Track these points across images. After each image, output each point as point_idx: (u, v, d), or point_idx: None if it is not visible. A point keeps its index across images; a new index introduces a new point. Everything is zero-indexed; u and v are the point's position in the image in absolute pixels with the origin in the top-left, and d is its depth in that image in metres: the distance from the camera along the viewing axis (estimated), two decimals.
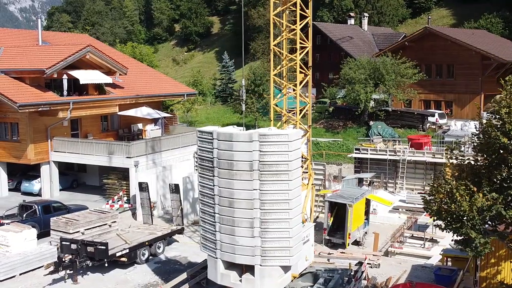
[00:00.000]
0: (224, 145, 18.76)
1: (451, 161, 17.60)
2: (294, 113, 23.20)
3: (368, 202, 31.40)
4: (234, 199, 18.76)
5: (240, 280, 19.37)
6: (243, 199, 18.65)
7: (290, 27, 22.73)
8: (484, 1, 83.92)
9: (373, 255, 26.96)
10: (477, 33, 61.11)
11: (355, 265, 23.73)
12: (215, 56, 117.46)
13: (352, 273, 22.49)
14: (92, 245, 25.01)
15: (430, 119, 52.12)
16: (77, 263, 24.51)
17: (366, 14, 77.09)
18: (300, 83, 23.09)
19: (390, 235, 30.86)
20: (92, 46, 40.63)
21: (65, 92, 39.07)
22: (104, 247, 24.83)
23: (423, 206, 17.66)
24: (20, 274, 25.44)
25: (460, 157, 17.60)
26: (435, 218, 16.36)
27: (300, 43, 22.49)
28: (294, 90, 23.75)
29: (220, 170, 18.93)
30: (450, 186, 15.47)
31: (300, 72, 22.73)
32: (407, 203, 36.97)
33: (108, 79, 41.48)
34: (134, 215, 35.27)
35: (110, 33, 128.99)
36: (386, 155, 40.52)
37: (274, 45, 22.98)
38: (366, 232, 30.95)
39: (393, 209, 35.64)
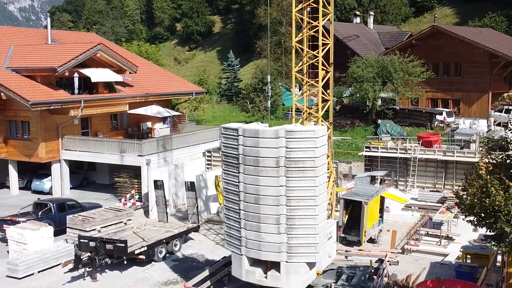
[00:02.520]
0: (250, 141, 18.73)
1: (485, 159, 17.39)
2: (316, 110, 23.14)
3: (382, 200, 31.37)
4: (260, 195, 18.73)
5: (266, 277, 19.36)
6: (269, 195, 18.63)
7: (311, 23, 22.68)
8: (487, 0, 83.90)
9: (391, 252, 26.92)
10: (484, 32, 61.13)
11: (375, 262, 23.72)
12: (216, 55, 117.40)
13: (373, 270, 22.48)
14: (111, 243, 24.95)
15: (438, 117, 52.15)
16: (97, 260, 24.46)
17: (371, 13, 77.10)
18: (322, 80, 23.03)
19: (405, 232, 30.87)
20: (102, 45, 40.63)
21: (76, 91, 39.03)
22: (123, 245, 24.78)
23: (455, 201, 17.62)
24: (39, 272, 25.38)
25: (496, 153, 17.37)
26: (467, 213, 16.36)
27: (322, 39, 22.44)
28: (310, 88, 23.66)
29: (245, 166, 18.90)
30: (484, 181, 15.44)
31: (323, 70, 22.67)
32: (419, 201, 37.02)
33: (118, 78, 41.49)
34: (146, 213, 35.26)
35: (111, 32, 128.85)
36: (396, 153, 40.49)
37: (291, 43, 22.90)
38: (380, 230, 30.91)
39: (406, 207, 35.64)
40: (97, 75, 39.67)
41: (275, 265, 19.27)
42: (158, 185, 31.42)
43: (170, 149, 38.51)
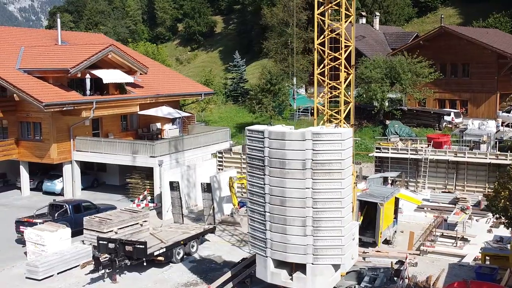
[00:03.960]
0: (276, 143, 18.78)
1: None
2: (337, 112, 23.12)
3: (397, 201, 31.42)
4: (286, 197, 18.80)
5: (291, 279, 19.41)
6: (295, 197, 18.70)
7: (333, 25, 22.71)
8: (491, 0, 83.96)
9: (410, 253, 26.95)
10: (491, 32, 61.21)
11: (396, 263, 23.76)
12: (218, 55, 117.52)
13: (394, 272, 22.54)
14: (131, 244, 25.00)
15: (446, 118, 52.19)
16: (116, 262, 24.50)
17: (377, 14, 77.17)
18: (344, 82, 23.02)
19: (419, 233, 30.93)
20: (114, 46, 40.70)
21: (88, 92, 39.07)
22: (143, 246, 24.84)
23: (487, 204, 17.70)
24: (58, 273, 25.42)
25: None
26: (500, 216, 16.44)
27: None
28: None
29: (271, 168, 18.95)
30: None
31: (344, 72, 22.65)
32: (430, 202, 37.08)
33: (129, 79, 41.54)
34: (159, 214, 35.28)
35: (113, 32, 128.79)
36: (407, 154, 40.52)
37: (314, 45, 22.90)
38: (395, 231, 30.98)
39: (418, 208, 35.67)
40: (108, 76, 39.73)
41: (300, 267, 19.33)
42: (174, 186, 31.42)
43: (181, 150, 38.58)
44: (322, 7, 22.58)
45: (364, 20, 76.27)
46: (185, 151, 38.94)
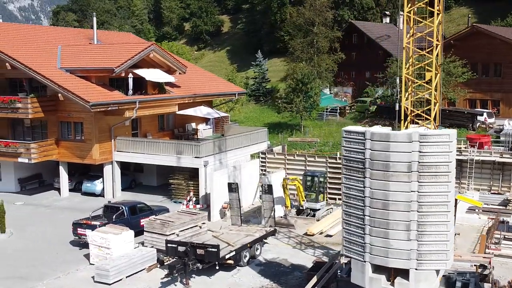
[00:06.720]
0: (378, 145, 18.19)
1: None
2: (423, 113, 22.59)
3: (455, 203, 30.90)
4: (388, 201, 18.20)
5: (391, 284, 18.87)
6: (399, 201, 18.11)
7: (419, 23, 22.19)
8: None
9: (483, 257, 26.43)
10: None
11: (479, 267, 23.28)
12: (226, 55, 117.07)
13: (482, 277, 22.08)
14: (202, 248, 24.41)
15: (479, 118, 51.80)
16: (190, 265, 23.90)
17: (401, 13, 76.74)
18: (430, 80, 22.53)
19: (475, 236, 30.49)
20: (155, 45, 40.06)
21: (130, 91, 38.42)
22: (216, 250, 24.24)
23: None
24: (126, 277, 24.79)
25: None
26: None
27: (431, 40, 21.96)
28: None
29: (373, 171, 18.36)
30: None
31: (428, 71, 22.18)
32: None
33: (171, 78, 40.98)
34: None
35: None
36: None
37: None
38: (454, 234, 30.44)
39: (469, 210, 35.18)
40: (150, 75, 39.16)
41: (400, 272, 18.77)
42: (233, 188, 30.79)
43: (225, 150, 38.03)
44: (410, 4, 22.06)
45: (388, 19, 75.87)
46: (227, 151, 38.37)
